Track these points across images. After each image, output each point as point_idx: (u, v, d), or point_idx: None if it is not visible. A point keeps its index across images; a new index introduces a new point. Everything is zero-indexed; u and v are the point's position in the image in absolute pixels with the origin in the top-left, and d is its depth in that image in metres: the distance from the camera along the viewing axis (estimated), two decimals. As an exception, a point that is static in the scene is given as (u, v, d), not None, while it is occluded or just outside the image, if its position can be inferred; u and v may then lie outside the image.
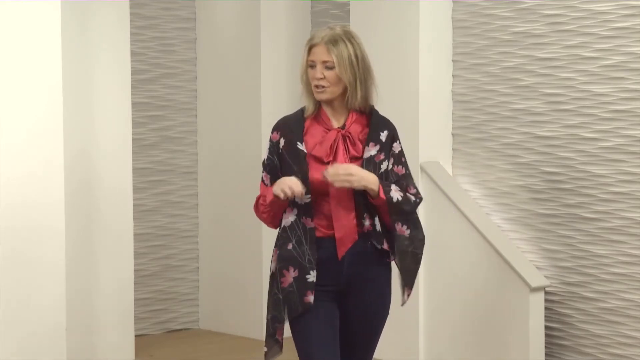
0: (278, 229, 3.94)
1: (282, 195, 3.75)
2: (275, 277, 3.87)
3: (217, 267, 7.42)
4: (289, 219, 3.85)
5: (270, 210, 3.87)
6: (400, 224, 3.85)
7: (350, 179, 3.74)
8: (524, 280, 5.76)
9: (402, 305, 3.96)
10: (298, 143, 3.84)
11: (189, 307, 7.52)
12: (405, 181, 3.90)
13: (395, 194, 3.82)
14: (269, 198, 3.84)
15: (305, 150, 3.83)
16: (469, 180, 6.33)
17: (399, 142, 3.95)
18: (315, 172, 3.82)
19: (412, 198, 3.87)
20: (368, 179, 3.78)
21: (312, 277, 3.79)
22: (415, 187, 3.92)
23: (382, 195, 3.80)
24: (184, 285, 7.49)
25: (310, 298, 3.79)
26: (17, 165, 5.38)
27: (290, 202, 3.84)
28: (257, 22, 7.09)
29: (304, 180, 3.79)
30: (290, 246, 3.82)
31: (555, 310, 5.93)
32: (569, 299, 5.89)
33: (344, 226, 3.82)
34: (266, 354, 3.91)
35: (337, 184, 3.75)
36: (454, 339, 6.13)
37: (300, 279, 3.79)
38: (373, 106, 3.94)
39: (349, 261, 3.84)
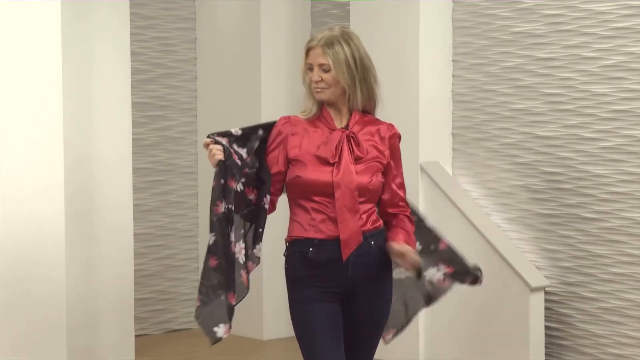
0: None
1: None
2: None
3: (217, 267, 7.40)
4: None
5: None
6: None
7: (413, 264, 3.84)
8: (524, 280, 5.76)
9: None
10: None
11: (189, 307, 7.51)
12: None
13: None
14: None
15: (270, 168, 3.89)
16: (469, 180, 6.32)
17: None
18: (320, 173, 3.81)
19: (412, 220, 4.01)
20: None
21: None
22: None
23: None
24: (184, 285, 7.49)
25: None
26: (16, 165, 5.37)
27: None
28: (257, 22, 7.08)
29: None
30: None
31: (555, 310, 5.93)
32: (569, 299, 5.89)
33: (349, 228, 3.81)
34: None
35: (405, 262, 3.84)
36: (454, 339, 6.13)
37: None
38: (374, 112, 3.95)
39: (353, 263, 3.84)
